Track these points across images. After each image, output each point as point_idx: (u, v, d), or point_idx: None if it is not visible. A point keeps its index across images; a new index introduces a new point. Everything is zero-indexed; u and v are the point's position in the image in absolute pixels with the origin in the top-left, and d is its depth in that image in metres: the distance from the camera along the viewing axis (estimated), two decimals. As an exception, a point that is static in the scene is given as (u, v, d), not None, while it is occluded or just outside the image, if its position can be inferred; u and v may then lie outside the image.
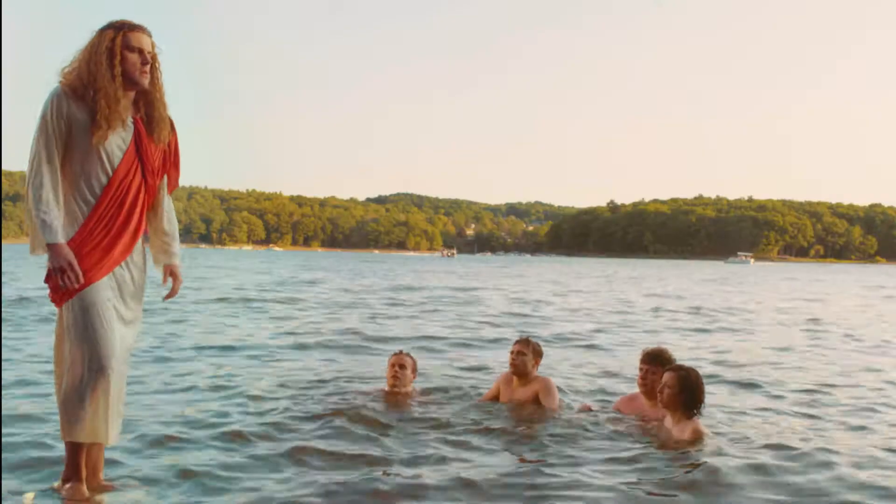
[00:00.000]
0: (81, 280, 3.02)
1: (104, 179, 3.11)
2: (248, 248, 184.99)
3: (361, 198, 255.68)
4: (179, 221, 3.50)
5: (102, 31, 3.15)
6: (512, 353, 5.20)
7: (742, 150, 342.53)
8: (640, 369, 4.89)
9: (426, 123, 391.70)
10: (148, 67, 3.16)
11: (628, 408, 5.05)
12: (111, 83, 3.07)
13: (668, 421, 4.42)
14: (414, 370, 5.43)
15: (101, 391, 3.06)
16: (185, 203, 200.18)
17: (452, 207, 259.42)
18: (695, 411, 4.35)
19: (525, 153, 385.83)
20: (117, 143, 3.12)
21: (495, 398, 5.36)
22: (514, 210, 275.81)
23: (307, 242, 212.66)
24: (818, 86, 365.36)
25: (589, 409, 5.12)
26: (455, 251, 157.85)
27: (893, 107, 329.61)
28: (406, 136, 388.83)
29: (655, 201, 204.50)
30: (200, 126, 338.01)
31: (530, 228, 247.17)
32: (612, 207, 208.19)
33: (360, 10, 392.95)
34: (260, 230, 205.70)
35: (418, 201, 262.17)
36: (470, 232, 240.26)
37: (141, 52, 3.15)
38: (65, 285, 2.99)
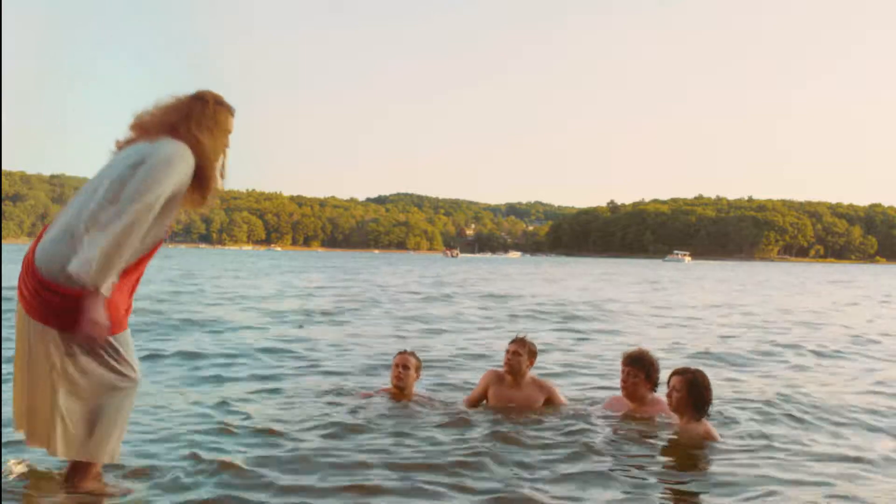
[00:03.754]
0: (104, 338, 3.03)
1: (165, 232, 3.19)
2: (248, 247, 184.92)
3: (361, 198, 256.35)
4: (179, 221, 3.52)
5: (219, 105, 3.25)
6: (508, 352, 5.16)
7: (742, 150, 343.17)
8: (622, 371, 4.88)
9: (426, 123, 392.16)
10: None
11: (615, 410, 5.04)
12: (214, 162, 3.26)
13: (678, 423, 4.42)
14: (418, 370, 5.42)
15: (128, 411, 3.20)
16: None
17: (452, 207, 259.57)
18: (703, 413, 4.33)
19: (525, 153, 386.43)
20: None
21: (482, 397, 5.31)
22: (514, 210, 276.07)
23: (307, 242, 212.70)
24: (818, 85, 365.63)
25: None
26: (458, 251, 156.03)
27: (893, 107, 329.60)
28: (406, 136, 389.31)
29: (655, 201, 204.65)
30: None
31: (530, 228, 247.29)
32: (612, 207, 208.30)
33: (360, 9, 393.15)
34: (260, 230, 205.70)
35: (418, 201, 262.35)
36: (470, 232, 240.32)
37: (227, 135, 3.37)
38: (92, 338, 2.94)
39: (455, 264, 70.77)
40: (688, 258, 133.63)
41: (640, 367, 4.80)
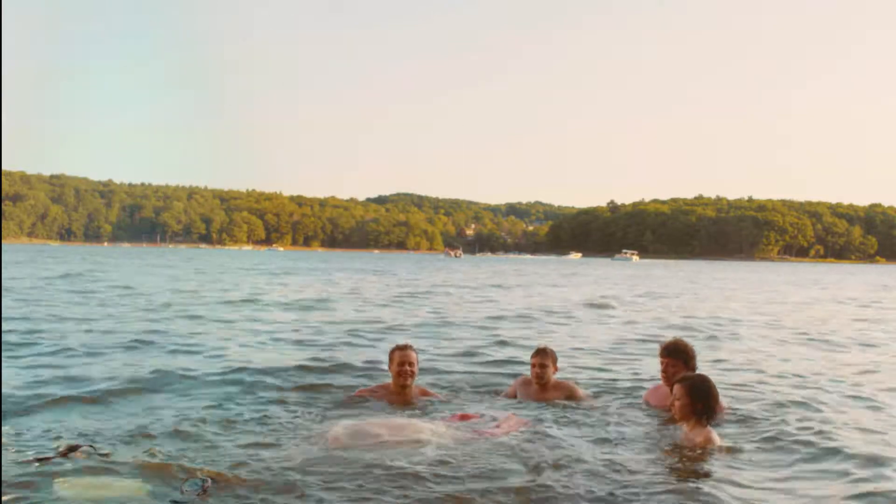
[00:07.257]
0: None
1: None
2: (248, 247, 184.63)
3: (361, 198, 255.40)
4: (179, 222, 3.48)
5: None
6: (534, 367, 5.25)
7: (742, 150, 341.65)
8: (661, 363, 4.97)
9: (426, 123, 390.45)
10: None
11: (654, 398, 5.14)
12: None
13: (684, 428, 4.34)
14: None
15: None
16: (185, 203, 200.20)
17: (452, 207, 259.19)
18: (708, 419, 4.20)
19: (525, 153, 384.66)
20: None
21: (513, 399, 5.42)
22: (514, 210, 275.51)
23: (307, 242, 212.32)
24: (818, 86, 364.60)
25: None
26: (461, 251, 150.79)
27: (893, 107, 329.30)
28: (406, 136, 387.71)
29: (655, 201, 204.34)
30: (200, 126, 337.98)
31: (530, 228, 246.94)
32: (612, 207, 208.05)
33: (360, 9, 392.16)
34: (260, 230, 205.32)
35: (418, 201, 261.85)
36: (470, 232, 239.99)
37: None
38: None
39: (537, 265, 69.00)
40: (636, 257, 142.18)
41: (677, 356, 4.88)
